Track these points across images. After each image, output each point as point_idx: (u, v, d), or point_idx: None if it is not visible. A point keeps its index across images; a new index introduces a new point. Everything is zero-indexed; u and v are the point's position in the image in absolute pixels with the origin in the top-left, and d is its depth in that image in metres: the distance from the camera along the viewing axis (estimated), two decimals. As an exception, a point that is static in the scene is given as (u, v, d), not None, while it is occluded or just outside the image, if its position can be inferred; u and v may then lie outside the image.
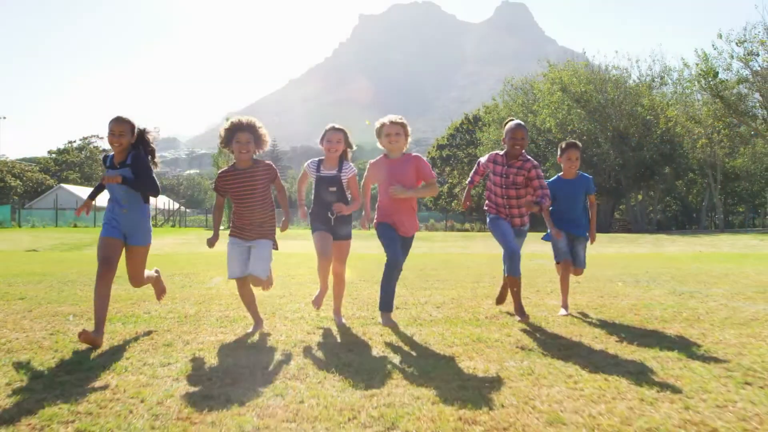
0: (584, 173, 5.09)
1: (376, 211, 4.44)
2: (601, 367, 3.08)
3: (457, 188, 54.80)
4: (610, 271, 8.75)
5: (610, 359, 3.28)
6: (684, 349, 3.53)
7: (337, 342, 3.76)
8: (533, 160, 4.57)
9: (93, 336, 3.50)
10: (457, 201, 54.64)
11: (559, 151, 5.11)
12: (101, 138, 73.78)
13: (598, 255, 12.61)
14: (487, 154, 4.76)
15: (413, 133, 4.46)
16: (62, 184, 56.14)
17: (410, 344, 3.67)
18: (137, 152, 3.93)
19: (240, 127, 4.00)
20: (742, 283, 7.19)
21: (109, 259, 3.75)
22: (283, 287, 6.53)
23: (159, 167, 4.17)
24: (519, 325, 4.29)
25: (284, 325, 4.27)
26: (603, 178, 36.46)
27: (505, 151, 4.61)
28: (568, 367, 3.08)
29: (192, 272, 8.57)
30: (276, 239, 4.18)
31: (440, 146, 58.47)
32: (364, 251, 11.27)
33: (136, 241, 3.94)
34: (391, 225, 4.31)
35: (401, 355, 3.37)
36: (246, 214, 4.04)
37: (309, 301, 5.42)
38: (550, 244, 5.07)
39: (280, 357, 3.31)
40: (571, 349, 3.52)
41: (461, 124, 57.40)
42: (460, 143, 56.61)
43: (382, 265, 4.36)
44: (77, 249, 16.86)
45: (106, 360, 3.19)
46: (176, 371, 2.96)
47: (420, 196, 4.48)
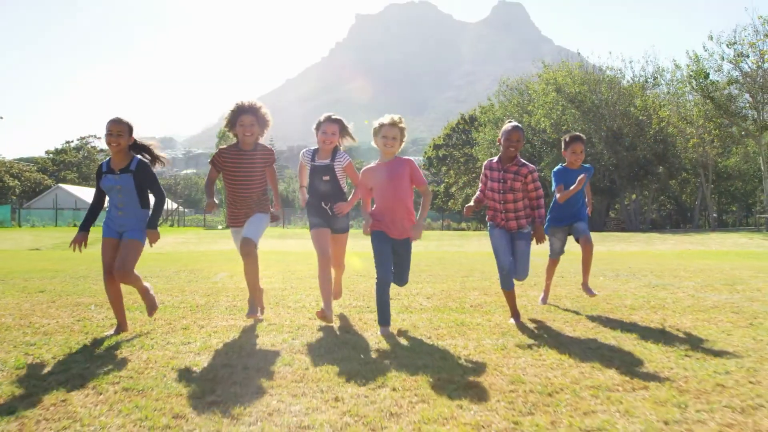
0: (585, 164, 5.12)
1: (372, 217, 4.31)
2: (565, 344, 3.55)
3: (453, 188, 55.28)
4: (594, 267, 9.17)
5: (575, 338, 3.74)
6: (642, 330, 4.00)
7: (336, 326, 4.21)
8: (528, 164, 4.53)
9: (121, 329, 3.96)
10: (453, 201, 55.15)
11: (563, 144, 5.13)
12: (98, 138, 74.05)
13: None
14: (484, 164, 4.71)
15: (410, 133, 4.43)
16: (60, 184, 56.41)
17: (401, 327, 4.13)
18: (143, 161, 3.99)
19: (243, 109, 4.13)
20: (714, 276, 7.67)
21: (110, 265, 3.94)
22: (285, 281, 6.99)
23: (167, 164, 4.30)
24: (500, 312, 4.75)
25: (288, 313, 4.73)
26: (597, 177, 37.02)
27: (499, 156, 4.58)
28: (536, 344, 3.54)
29: (196, 268, 9.01)
30: (272, 212, 4.38)
31: (437, 146, 59.00)
32: (360, 249, 11.71)
33: (130, 235, 3.96)
34: (386, 233, 4.20)
35: (392, 335, 3.83)
36: (239, 198, 4.21)
37: (309, 293, 5.89)
38: (551, 243, 5.16)
39: (286, 337, 3.76)
40: (542, 331, 3.99)
41: (457, 124, 57.94)
42: (456, 143, 57.12)
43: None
44: (80, 248, 17.27)
45: (134, 340, 3.64)
46: (196, 348, 3.42)
47: (426, 212, 4.35)
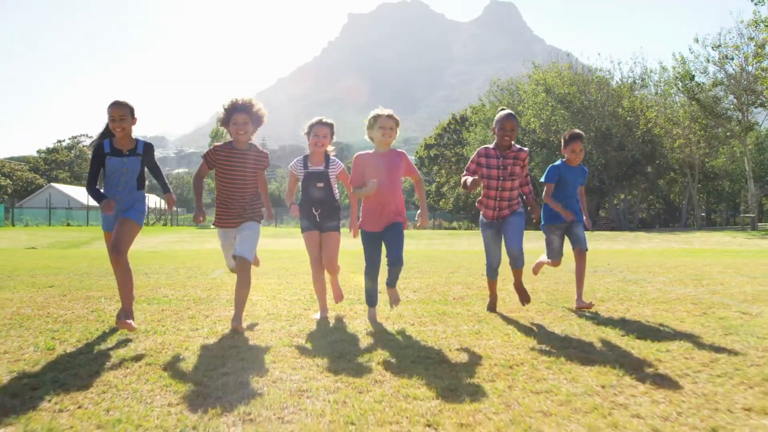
0: (583, 165, 5.25)
1: (362, 215, 4.31)
2: (532, 329, 3.99)
3: (444, 187, 55.85)
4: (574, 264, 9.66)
5: (543, 325, 4.18)
6: (605, 319, 4.45)
7: (329, 315, 4.63)
8: (523, 147, 4.52)
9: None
10: (444, 200, 55.64)
11: (562, 142, 5.15)
12: (90, 137, 74.04)
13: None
14: (476, 153, 4.57)
15: (402, 132, 4.41)
16: (53, 184, 56.45)
17: (387, 316, 4.55)
18: (148, 143, 4.10)
19: (237, 107, 4.05)
20: (685, 272, 8.15)
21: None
22: (280, 277, 7.39)
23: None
24: (480, 304, 5.18)
25: (284, 305, 5.14)
26: (587, 177, 37.66)
27: (495, 143, 4.49)
28: (508, 330, 3.98)
29: (194, 266, 9.40)
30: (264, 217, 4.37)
31: (428, 146, 59.56)
32: (353, 248, 12.12)
33: (128, 215, 3.99)
34: (374, 230, 4.22)
35: (380, 324, 4.25)
36: (230, 198, 4.13)
37: (303, 287, 6.30)
38: (548, 242, 5.22)
39: (284, 324, 4.18)
40: (515, 320, 4.42)
41: (448, 124, 58.54)
42: (447, 143, 57.71)
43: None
44: (75, 247, 17.54)
45: (147, 327, 4.04)
46: (204, 333, 3.83)
47: (425, 199, 4.50)
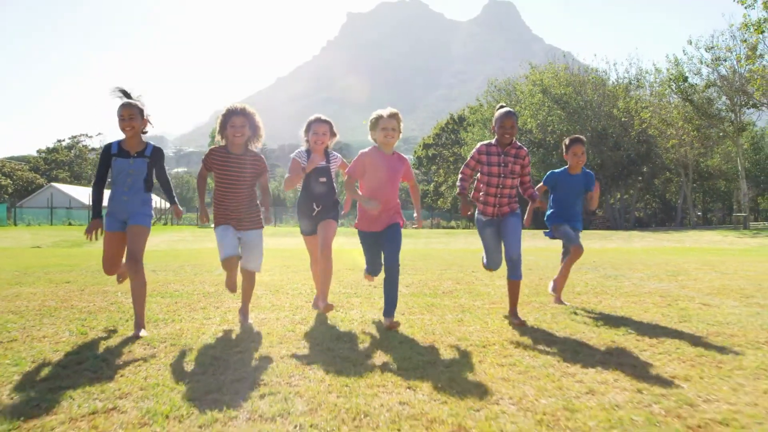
0: (587, 170, 5.24)
1: (358, 214, 4.31)
2: (509, 317, 4.45)
3: (443, 186, 56.33)
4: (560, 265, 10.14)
5: (521, 314, 4.64)
6: (576, 309, 4.92)
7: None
8: (522, 146, 4.46)
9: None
10: (442, 200, 56.14)
11: (564, 148, 5.16)
12: (90, 137, 74.50)
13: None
14: (475, 150, 4.47)
15: (402, 131, 4.35)
16: (53, 183, 56.84)
17: (380, 308, 5.00)
18: (157, 147, 4.13)
19: (235, 111, 4.07)
20: (664, 269, 8.62)
21: (113, 257, 4.12)
22: (281, 274, 7.85)
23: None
24: (467, 297, 5.65)
25: (287, 297, 5.60)
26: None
27: (496, 140, 4.44)
28: (488, 318, 4.45)
29: (198, 263, 9.85)
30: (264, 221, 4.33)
31: (426, 145, 60.07)
32: (352, 248, 12.59)
33: (137, 221, 4.00)
34: (370, 230, 4.26)
35: (373, 313, 4.72)
36: (228, 201, 4.11)
37: (304, 283, 6.76)
38: (562, 234, 5.21)
39: (287, 314, 4.64)
40: (496, 310, 4.89)
41: (447, 124, 59.06)
42: (445, 143, 58.21)
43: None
44: (78, 246, 17.93)
45: (164, 316, 4.50)
46: (217, 322, 4.30)
47: (420, 202, 4.61)
